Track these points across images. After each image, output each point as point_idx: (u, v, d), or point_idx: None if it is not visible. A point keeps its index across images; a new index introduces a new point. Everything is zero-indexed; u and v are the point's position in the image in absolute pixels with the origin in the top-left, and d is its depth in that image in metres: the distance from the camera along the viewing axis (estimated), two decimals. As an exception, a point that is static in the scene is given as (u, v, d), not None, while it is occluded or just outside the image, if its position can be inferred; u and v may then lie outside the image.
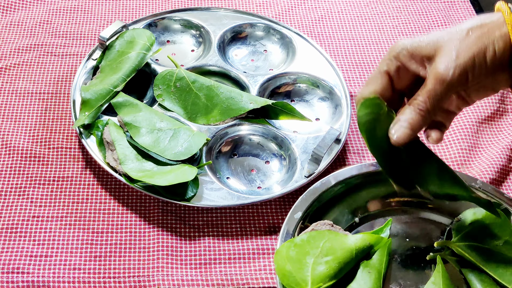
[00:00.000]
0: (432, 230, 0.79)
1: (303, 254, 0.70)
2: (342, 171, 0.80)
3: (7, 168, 0.86)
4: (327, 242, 0.71)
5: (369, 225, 0.79)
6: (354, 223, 0.79)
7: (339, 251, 0.70)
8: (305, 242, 0.71)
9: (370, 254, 0.73)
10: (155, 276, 0.75)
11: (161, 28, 1.03)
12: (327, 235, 0.72)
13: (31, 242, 0.78)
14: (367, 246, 0.73)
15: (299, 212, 0.76)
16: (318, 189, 0.78)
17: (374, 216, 0.80)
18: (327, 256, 0.70)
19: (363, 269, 0.71)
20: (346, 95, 0.93)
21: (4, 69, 0.98)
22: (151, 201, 0.83)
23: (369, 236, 0.74)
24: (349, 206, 0.80)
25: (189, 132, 0.85)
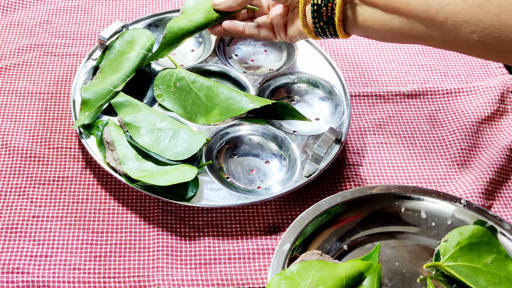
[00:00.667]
0: (420, 253, 0.79)
1: (294, 286, 0.70)
2: (327, 199, 0.80)
3: (7, 168, 0.86)
4: (317, 272, 0.71)
5: (358, 252, 0.79)
6: (343, 251, 0.79)
7: (330, 280, 0.71)
8: (295, 274, 0.71)
9: (361, 280, 0.73)
10: (155, 276, 0.75)
11: (161, 28, 1.03)
12: (316, 265, 0.72)
13: (31, 242, 0.78)
14: (357, 273, 0.73)
15: (288, 243, 0.76)
16: (305, 219, 0.78)
17: (362, 242, 0.80)
18: (318, 286, 0.70)
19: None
20: (346, 95, 0.93)
21: (4, 69, 0.98)
22: (151, 201, 0.83)
23: (359, 263, 0.74)
24: (336, 234, 0.80)
25: (189, 132, 0.85)
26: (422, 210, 0.81)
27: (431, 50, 1.07)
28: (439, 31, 0.69)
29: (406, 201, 0.81)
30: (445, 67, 1.04)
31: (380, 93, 0.99)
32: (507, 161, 0.89)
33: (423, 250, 0.79)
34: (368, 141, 0.92)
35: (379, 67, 1.03)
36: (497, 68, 1.03)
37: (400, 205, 0.81)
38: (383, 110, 0.97)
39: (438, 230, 0.80)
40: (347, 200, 0.81)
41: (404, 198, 0.81)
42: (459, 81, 1.01)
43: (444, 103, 0.98)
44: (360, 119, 0.95)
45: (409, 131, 0.94)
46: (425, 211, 0.81)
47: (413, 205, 0.81)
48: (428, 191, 0.82)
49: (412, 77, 1.02)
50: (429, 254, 0.79)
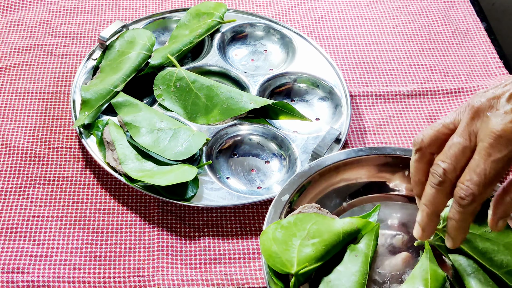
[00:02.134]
0: None
1: (289, 236, 0.69)
2: (331, 155, 0.80)
3: (7, 168, 0.86)
4: (314, 224, 0.71)
5: (357, 210, 0.78)
6: (342, 208, 0.78)
7: (326, 233, 0.70)
8: (291, 224, 0.71)
9: (358, 238, 0.73)
10: (155, 276, 0.75)
11: (161, 28, 1.03)
12: (314, 217, 0.72)
13: (31, 242, 0.78)
14: (355, 230, 0.72)
15: (287, 194, 0.75)
16: (306, 172, 0.78)
17: (362, 201, 0.79)
18: (313, 238, 0.69)
19: (350, 253, 0.71)
20: (346, 95, 0.93)
21: (4, 69, 0.98)
22: (151, 201, 0.83)
23: (357, 220, 0.73)
24: (337, 191, 0.79)
25: (189, 132, 0.85)
26: None
27: (431, 50, 1.07)
28: None
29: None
30: (445, 67, 1.04)
31: (380, 93, 0.99)
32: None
33: None
34: (368, 141, 0.92)
35: (379, 67, 1.03)
36: (497, 68, 1.03)
37: (405, 169, 0.80)
38: (383, 110, 0.97)
39: None
40: (350, 158, 0.80)
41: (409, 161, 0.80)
42: (459, 81, 1.01)
43: (444, 103, 0.98)
44: (360, 119, 0.95)
45: (409, 131, 0.94)
46: None
47: None
48: None
49: (412, 77, 1.02)
50: None
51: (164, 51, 0.94)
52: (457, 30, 1.10)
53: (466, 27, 1.10)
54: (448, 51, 1.06)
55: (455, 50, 1.07)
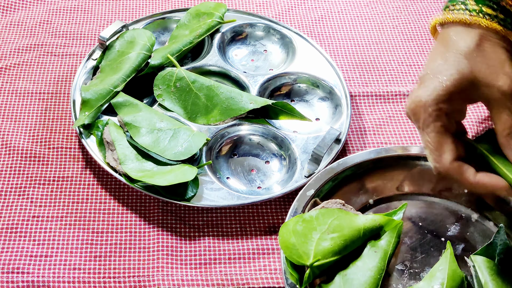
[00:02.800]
0: (446, 217, 0.78)
1: (309, 230, 0.70)
2: (360, 153, 0.81)
3: (7, 168, 0.86)
4: (336, 219, 0.71)
5: (383, 208, 0.79)
6: (368, 205, 0.79)
7: (347, 229, 0.71)
8: (313, 218, 0.71)
9: (380, 234, 0.73)
10: (155, 276, 0.75)
11: (161, 28, 1.03)
12: (336, 213, 0.72)
13: (31, 242, 0.78)
14: (377, 226, 0.73)
15: (312, 189, 0.76)
16: (334, 169, 0.79)
17: (389, 199, 0.80)
18: (333, 233, 0.70)
19: (370, 248, 0.71)
20: (346, 95, 0.93)
21: (4, 69, 0.98)
22: (151, 201, 0.83)
23: (380, 217, 0.74)
24: (364, 188, 0.79)
25: (189, 132, 0.85)
26: None
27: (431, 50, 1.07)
28: None
29: None
30: (445, 67, 1.03)
31: (380, 93, 0.99)
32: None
33: (450, 214, 0.79)
34: (368, 141, 0.92)
35: (379, 67, 1.03)
36: (497, 68, 1.03)
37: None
38: (383, 110, 0.97)
39: (469, 197, 0.79)
40: (380, 157, 0.80)
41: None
42: (459, 81, 1.01)
43: (444, 103, 0.98)
44: (360, 119, 0.95)
45: (409, 131, 0.94)
46: None
47: None
48: None
49: (412, 77, 1.02)
50: (455, 219, 0.78)
51: (164, 51, 0.94)
52: (457, 30, 1.10)
53: (466, 27, 1.10)
54: (448, 51, 1.06)
55: (455, 50, 1.07)
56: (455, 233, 0.77)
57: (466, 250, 0.75)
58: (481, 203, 0.78)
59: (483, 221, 0.78)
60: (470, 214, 0.79)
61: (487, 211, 0.78)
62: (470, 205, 0.78)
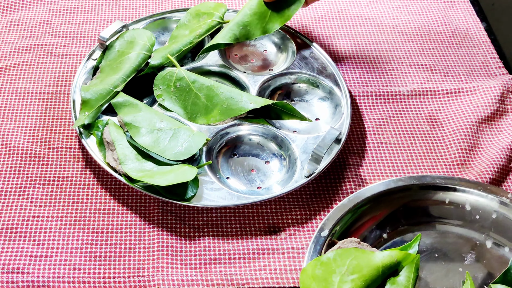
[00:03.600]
0: (461, 245, 0.79)
1: (329, 273, 0.70)
2: (369, 187, 0.80)
3: (7, 168, 0.86)
4: (354, 259, 0.71)
5: (398, 241, 0.79)
6: (382, 239, 0.79)
7: (366, 268, 0.71)
8: (331, 260, 0.71)
9: (398, 270, 0.73)
10: (155, 276, 0.75)
11: (161, 28, 1.03)
12: (353, 252, 0.72)
13: (31, 242, 0.78)
14: (395, 263, 0.72)
15: (326, 230, 0.76)
16: (345, 206, 0.78)
17: (402, 231, 0.80)
18: (353, 274, 0.70)
19: (390, 287, 0.71)
20: (346, 95, 0.93)
21: (4, 69, 0.98)
22: (151, 201, 0.83)
23: (397, 252, 0.73)
24: (376, 222, 0.79)
25: (189, 132, 0.85)
26: (467, 202, 0.80)
27: (431, 50, 1.07)
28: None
29: (451, 193, 0.80)
30: (445, 67, 1.04)
31: (380, 93, 0.99)
32: (507, 161, 0.89)
33: (465, 242, 0.79)
34: (368, 141, 0.92)
35: (379, 67, 1.03)
36: (497, 68, 1.03)
37: (445, 197, 0.80)
38: (383, 110, 0.97)
39: (482, 224, 0.79)
40: (390, 189, 0.80)
41: (449, 190, 0.80)
42: (459, 81, 1.01)
43: (444, 103, 0.98)
44: (360, 119, 0.95)
45: (409, 131, 0.94)
46: (469, 203, 0.80)
47: (458, 197, 0.80)
48: (475, 184, 0.81)
49: (412, 77, 1.02)
50: (470, 247, 0.78)
51: (164, 51, 0.94)
52: (457, 30, 1.10)
53: (466, 27, 1.10)
54: (448, 51, 1.06)
55: (455, 50, 1.07)
56: (472, 262, 0.77)
57: (485, 278, 0.75)
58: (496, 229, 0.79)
59: (498, 248, 0.78)
60: (484, 241, 0.79)
61: (501, 236, 0.79)
62: (483, 231, 0.79)
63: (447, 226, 0.80)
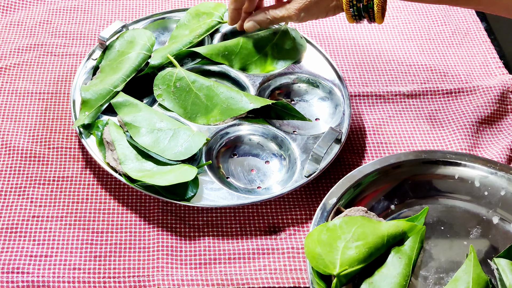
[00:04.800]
0: (467, 220, 0.79)
1: (334, 238, 0.70)
2: (380, 159, 0.81)
3: (7, 168, 0.86)
4: (359, 227, 0.72)
5: (405, 213, 0.80)
6: (390, 210, 0.79)
7: (371, 236, 0.71)
8: (337, 227, 0.72)
9: (403, 240, 0.74)
10: (155, 276, 0.75)
11: (161, 28, 1.03)
12: (360, 220, 0.73)
13: (31, 242, 0.78)
14: (400, 233, 0.73)
15: (334, 198, 0.77)
16: (354, 176, 0.79)
17: (410, 204, 0.80)
18: (358, 241, 0.70)
19: (394, 255, 0.72)
20: (346, 95, 0.93)
21: (4, 69, 0.98)
22: (151, 201, 0.83)
23: (403, 223, 0.74)
24: (385, 194, 0.80)
25: (189, 132, 0.85)
26: (476, 178, 0.81)
27: (431, 50, 1.07)
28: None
29: (461, 168, 0.81)
30: (445, 67, 1.04)
31: (380, 93, 0.99)
32: (507, 161, 0.89)
33: (471, 217, 0.79)
34: (368, 141, 0.92)
35: (379, 67, 1.03)
36: (497, 68, 1.03)
37: (454, 172, 0.81)
38: (383, 110, 0.97)
39: (490, 200, 0.80)
40: (400, 161, 0.81)
41: (459, 166, 0.81)
42: (459, 81, 1.01)
43: (444, 103, 0.98)
44: (360, 119, 0.95)
45: (409, 131, 0.94)
46: (478, 180, 0.80)
47: (467, 173, 0.81)
48: (484, 160, 0.81)
49: (412, 77, 1.02)
50: (476, 222, 0.79)
51: (164, 51, 0.94)
52: (457, 30, 1.10)
53: (466, 27, 1.10)
54: (448, 51, 1.06)
55: (455, 50, 1.07)
56: (477, 236, 0.77)
57: (489, 253, 0.76)
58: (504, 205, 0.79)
59: (504, 224, 0.78)
60: (491, 217, 0.79)
61: (508, 213, 0.79)
62: (490, 207, 0.79)
63: (454, 201, 0.80)
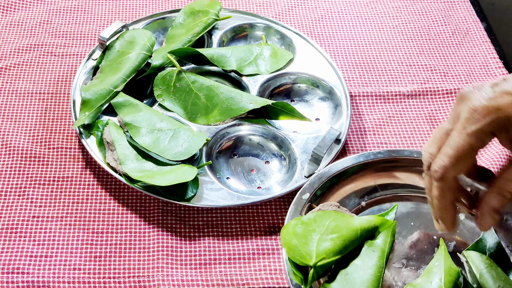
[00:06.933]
0: None
1: (309, 231, 0.72)
2: (350, 157, 0.83)
3: (7, 168, 0.86)
4: (333, 221, 0.74)
5: (375, 210, 0.81)
6: (361, 207, 0.81)
7: (344, 229, 0.73)
8: (311, 220, 0.74)
9: (375, 235, 0.76)
10: (155, 276, 0.75)
11: (161, 28, 1.03)
12: (333, 215, 0.75)
13: (31, 242, 0.78)
14: (372, 227, 0.75)
15: (307, 193, 0.78)
16: (326, 173, 0.81)
17: (380, 201, 0.82)
18: (332, 233, 0.72)
19: (368, 248, 0.74)
20: (346, 95, 0.93)
21: (4, 69, 0.98)
22: (151, 201, 0.83)
23: (375, 218, 0.76)
24: (356, 191, 0.82)
25: (189, 132, 0.85)
26: None
27: (431, 50, 1.07)
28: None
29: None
30: (445, 67, 1.04)
31: (380, 93, 0.99)
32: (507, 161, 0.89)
33: None
34: (368, 141, 0.92)
35: (379, 67, 1.03)
36: (497, 68, 1.03)
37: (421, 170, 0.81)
38: (383, 110, 0.97)
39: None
40: (369, 160, 0.82)
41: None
42: (459, 81, 1.01)
43: (444, 103, 0.98)
44: (360, 119, 0.95)
45: (409, 131, 0.94)
46: None
47: None
48: None
49: (412, 77, 1.02)
50: None
51: (164, 51, 0.94)
52: (457, 30, 1.10)
53: (466, 27, 1.10)
54: (448, 51, 1.06)
55: (455, 50, 1.07)
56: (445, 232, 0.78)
57: (457, 246, 0.77)
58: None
59: (470, 220, 0.80)
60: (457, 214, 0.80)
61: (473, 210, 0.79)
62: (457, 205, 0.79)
63: (423, 199, 0.82)
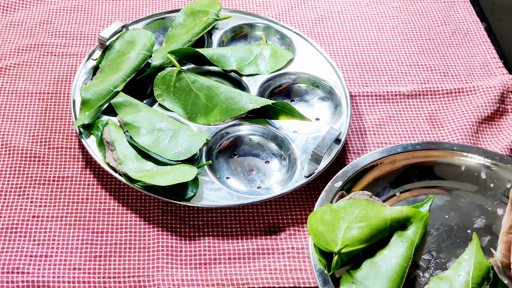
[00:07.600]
0: (472, 210, 0.80)
1: (337, 219, 0.72)
2: (387, 148, 0.83)
3: (7, 168, 0.86)
4: (363, 210, 0.74)
5: (410, 200, 0.81)
6: (395, 198, 0.81)
7: (374, 219, 0.73)
8: (341, 208, 0.74)
9: (406, 226, 0.75)
10: (155, 276, 0.76)
11: (161, 28, 1.03)
12: (364, 204, 0.75)
13: (31, 242, 0.78)
14: (404, 218, 0.75)
15: (340, 181, 0.78)
16: (361, 162, 0.81)
17: (416, 192, 0.82)
18: (361, 222, 0.72)
19: (397, 238, 0.74)
20: (346, 95, 0.93)
21: (4, 69, 0.98)
22: (151, 201, 0.83)
23: (407, 208, 0.76)
24: (391, 181, 0.82)
25: (189, 132, 0.85)
26: (483, 171, 0.82)
27: (431, 50, 1.07)
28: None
29: (467, 160, 0.82)
30: (445, 67, 1.04)
31: (380, 93, 0.99)
32: None
33: (476, 208, 0.80)
34: (368, 141, 0.92)
35: (379, 67, 1.03)
36: (497, 68, 1.03)
37: (461, 163, 0.82)
38: (383, 110, 0.97)
39: (495, 191, 0.81)
40: (407, 150, 0.82)
41: (466, 157, 0.82)
42: (459, 81, 1.01)
43: (444, 103, 0.98)
44: (360, 119, 0.95)
45: (409, 131, 0.94)
46: (485, 172, 0.82)
47: (474, 165, 0.82)
48: (491, 153, 0.83)
49: (412, 77, 1.02)
50: (481, 213, 0.80)
51: (164, 51, 0.94)
52: (457, 30, 1.10)
53: (466, 27, 1.10)
54: (448, 51, 1.07)
55: (455, 50, 1.07)
56: (481, 226, 0.79)
57: (492, 242, 0.77)
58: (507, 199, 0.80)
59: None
60: (495, 209, 0.80)
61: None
62: (496, 199, 0.80)
63: (460, 191, 0.82)
